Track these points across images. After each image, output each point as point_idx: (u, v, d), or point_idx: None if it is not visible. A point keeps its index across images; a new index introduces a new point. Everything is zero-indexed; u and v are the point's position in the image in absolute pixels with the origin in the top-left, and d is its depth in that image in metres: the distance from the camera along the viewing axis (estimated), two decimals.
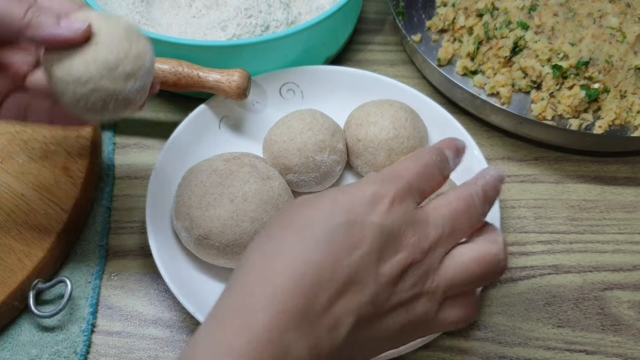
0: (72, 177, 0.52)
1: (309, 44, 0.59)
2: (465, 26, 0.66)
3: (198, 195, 0.47)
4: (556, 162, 0.61)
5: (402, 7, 0.70)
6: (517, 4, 0.64)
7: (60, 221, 0.50)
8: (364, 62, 0.68)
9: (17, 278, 0.47)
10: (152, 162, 0.52)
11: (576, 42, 0.62)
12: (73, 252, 0.52)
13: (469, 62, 0.65)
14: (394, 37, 0.71)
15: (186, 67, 0.53)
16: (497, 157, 0.61)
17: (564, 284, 0.53)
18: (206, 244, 0.47)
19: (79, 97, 0.38)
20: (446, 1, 0.70)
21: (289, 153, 0.52)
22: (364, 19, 0.72)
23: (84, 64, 0.37)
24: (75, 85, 0.37)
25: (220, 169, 0.48)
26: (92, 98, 0.38)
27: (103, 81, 0.37)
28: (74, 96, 0.38)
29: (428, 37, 0.69)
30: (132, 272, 0.51)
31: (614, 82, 0.61)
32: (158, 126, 0.60)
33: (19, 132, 0.54)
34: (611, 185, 0.60)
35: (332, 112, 0.56)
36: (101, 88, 0.37)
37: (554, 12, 0.63)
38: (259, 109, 0.59)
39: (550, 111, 0.61)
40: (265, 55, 0.58)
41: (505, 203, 0.57)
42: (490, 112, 0.59)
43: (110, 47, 0.37)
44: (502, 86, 0.62)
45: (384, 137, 0.53)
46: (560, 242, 0.55)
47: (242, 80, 0.53)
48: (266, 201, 0.47)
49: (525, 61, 0.62)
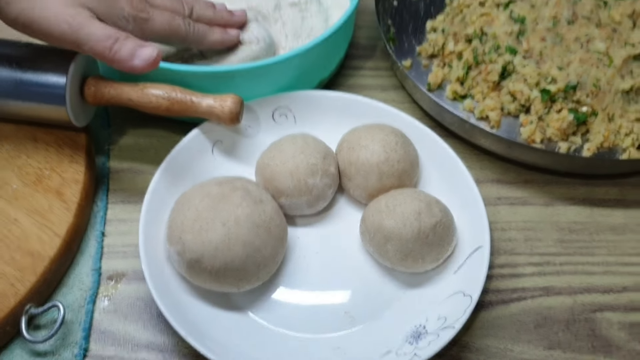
0: (66, 202, 0.53)
1: (301, 69, 0.60)
2: (454, 51, 0.67)
3: (190, 219, 0.47)
4: (546, 185, 0.62)
5: (392, 33, 0.72)
6: (506, 30, 0.65)
7: (53, 246, 0.50)
8: (356, 86, 0.69)
9: (9, 303, 0.47)
10: (145, 187, 0.52)
11: (564, 67, 0.63)
12: (66, 277, 0.52)
13: (458, 87, 0.66)
14: (384, 63, 0.72)
15: (179, 92, 0.54)
16: (487, 179, 0.62)
17: (555, 306, 0.53)
18: (198, 267, 0.47)
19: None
20: (436, 27, 0.72)
21: (281, 176, 0.53)
22: (356, 44, 0.73)
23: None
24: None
25: (212, 193, 0.49)
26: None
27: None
28: None
29: (418, 62, 0.70)
30: (125, 296, 0.51)
31: (601, 105, 0.62)
32: (151, 151, 0.61)
33: (13, 157, 0.55)
34: (600, 207, 0.60)
35: (324, 136, 0.57)
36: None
37: (542, 37, 0.65)
38: (252, 133, 0.59)
39: (539, 134, 0.62)
40: (258, 80, 0.58)
41: (495, 225, 0.58)
42: (480, 136, 0.60)
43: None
44: (491, 110, 0.63)
45: (375, 160, 0.53)
46: (551, 264, 0.56)
47: (235, 105, 0.54)
48: (258, 225, 0.48)
49: (514, 85, 0.63)
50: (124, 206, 0.57)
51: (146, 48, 0.48)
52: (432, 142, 0.58)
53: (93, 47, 0.47)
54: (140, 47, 0.48)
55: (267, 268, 0.49)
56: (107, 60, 0.48)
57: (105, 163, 0.60)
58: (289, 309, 0.51)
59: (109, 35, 0.47)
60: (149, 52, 0.48)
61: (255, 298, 0.51)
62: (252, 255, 0.47)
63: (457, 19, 0.70)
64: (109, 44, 0.47)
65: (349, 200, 0.58)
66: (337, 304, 0.51)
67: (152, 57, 0.48)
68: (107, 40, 0.47)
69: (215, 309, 0.50)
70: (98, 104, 0.56)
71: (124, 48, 0.47)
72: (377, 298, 0.52)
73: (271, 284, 0.52)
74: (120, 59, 0.47)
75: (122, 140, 0.62)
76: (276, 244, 0.49)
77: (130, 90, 0.54)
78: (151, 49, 0.48)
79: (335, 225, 0.56)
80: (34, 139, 0.56)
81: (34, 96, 0.53)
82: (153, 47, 0.48)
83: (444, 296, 0.50)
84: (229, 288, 0.48)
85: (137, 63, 0.47)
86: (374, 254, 0.52)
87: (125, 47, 0.47)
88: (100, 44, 0.47)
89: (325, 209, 0.57)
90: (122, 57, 0.47)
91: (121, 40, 0.47)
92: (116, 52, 0.47)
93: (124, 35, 0.48)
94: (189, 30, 0.56)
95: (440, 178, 0.57)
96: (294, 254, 0.54)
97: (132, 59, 0.47)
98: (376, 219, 0.50)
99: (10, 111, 0.54)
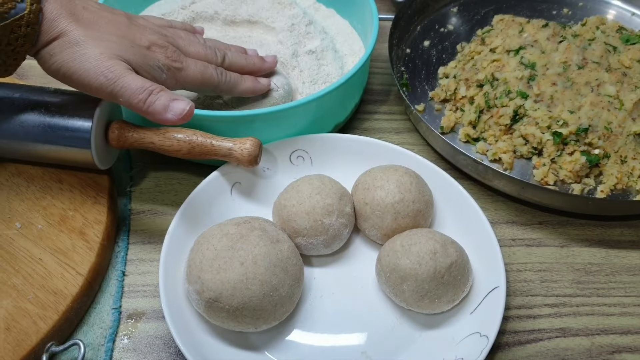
0: (89, 242, 0.54)
1: (317, 114, 0.62)
2: (466, 96, 0.69)
3: (209, 259, 0.48)
4: (560, 226, 0.62)
5: (405, 79, 0.74)
6: (516, 75, 0.67)
7: (75, 285, 0.51)
8: (371, 130, 0.70)
9: (31, 341, 0.48)
10: (165, 228, 0.54)
11: (575, 110, 0.64)
12: (87, 315, 0.53)
13: (471, 130, 0.67)
14: (398, 107, 0.74)
15: (200, 136, 0.56)
16: (502, 221, 0.62)
17: (572, 347, 0.53)
18: (216, 306, 0.48)
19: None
20: (448, 73, 0.74)
21: (297, 217, 0.54)
22: (370, 90, 0.75)
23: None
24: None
25: (231, 233, 0.50)
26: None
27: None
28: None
29: (431, 107, 0.71)
30: (144, 335, 0.52)
31: (614, 147, 0.63)
32: (172, 193, 0.62)
33: (39, 198, 0.57)
34: (616, 248, 0.60)
35: (340, 177, 0.58)
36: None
37: (553, 82, 0.66)
38: (270, 174, 0.61)
39: (552, 176, 0.63)
40: (276, 124, 0.60)
41: (511, 267, 0.58)
42: (493, 177, 0.61)
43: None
44: (503, 152, 0.64)
45: (390, 200, 0.54)
46: (567, 305, 0.56)
47: (254, 148, 0.55)
48: (275, 264, 0.49)
49: (525, 128, 0.64)
50: (144, 246, 0.58)
51: (179, 102, 0.50)
52: (446, 183, 0.59)
53: (128, 99, 0.49)
54: (174, 101, 0.49)
55: (284, 307, 0.50)
56: (142, 113, 0.50)
57: (126, 204, 0.61)
58: (306, 350, 0.51)
59: (143, 88, 0.49)
60: (182, 105, 0.49)
61: (272, 338, 0.51)
62: (270, 294, 0.48)
63: (468, 65, 0.72)
64: (143, 97, 0.49)
65: (365, 240, 0.59)
66: (353, 345, 0.52)
67: (184, 111, 0.49)
68: (142, 93, 0.49)
69: (233, 348, 0.50)
70: (121, 148, 0.57)
71: (157, 102, 0.49)
72: (393, 339, 0.52)
73: (288, 324, 0.52)
74: (153, 111, 0.49)
75: (143, 183, 0.63)
76: (293, 283, 0.50)
77: (153, 135, 0.56)
78: (184, 103, 0.49)
79: (351, 266, 0.57)
80: (59, 181, 0.58)
81: (61, 140, 0.55)
82: (186, 101, 0.50)
83: (460, 337, 0.50)
84: (247, 327, 0.49)
85: (170, 116, 0.49)
86: (390, 294, 0.52)
87: (159, 100, 0.49)
88: (135, 97, 0.49)
89: (341, 249, 0.57)
90: (156, 110, 0.49)
91: (155, 94, 0.49)
92: (150, 105, 0.49)
93: (158, 88, 0.50)
94: (221, 79, 0.58)
95: (455, 219, 0.58)
96: (310, 294, 0.55)
97: (166, 112, 0.49)
98: (392, 259, 0.51)
99: (38, 154, 0.56)
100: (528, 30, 0.73)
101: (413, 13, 0.79)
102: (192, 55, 0.57)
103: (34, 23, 0.47)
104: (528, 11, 0.82)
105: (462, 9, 0.83)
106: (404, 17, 0.77)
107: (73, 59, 0.48)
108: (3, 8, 0.46)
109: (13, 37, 0.47)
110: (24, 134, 0.55)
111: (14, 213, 0.55)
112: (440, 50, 0.78)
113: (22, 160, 0.59)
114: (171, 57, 0.54)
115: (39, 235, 0.54)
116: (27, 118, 0.55)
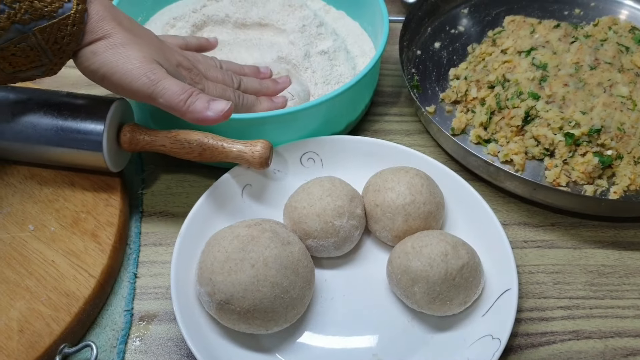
0: (101, 244, 0.54)
1: (328, 115, 0.62)
2: (477, 97, 0.69)
3: (220, 261, 0.48)
4: (573, 228, 0.62)
5: (416, 80, 0.74)
6: (528, 76, 0.67)
7: (88, 287, 0.51)
8: (381, 131, 0.70)
9: (44, 343, 0.48)
10: (177, 230, 0.54)
11: (587, 111, 0.63)
12: (99, 317, 0.53)
13: (482, 131, 0.67)
14: (409, 109, 0.74)
15: (211, 138, 0.56)
16: (514, 222, 0.62)
17: (585, 350, 0.52)
18: (227, 309, 0.48)
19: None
20: (458, 75, 0.73)
21: (308, 219, 0.54)
22: (380, 92, 0.75)
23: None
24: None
25: (242, 235, 0.50)
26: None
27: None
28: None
29: (442, 108, 0.71)
30: (156, 337, 0.52)
31: (627, 148, 0.62)
32: (183, 195, 0.63)
33: (52, 201, 0.57)
34: (629, 250, 0.60)
35: (350, 179, 0.58)
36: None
37: (564, 83, 0.66)
38: (280, 177, 0.61)
39: (565, 177, 0.62)
40: (287, 126, 0.60)
41: (523, 268, 0.58)
42: (505, 179, 0.61)
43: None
44: (515, 154, 0.64)
45: (400, 202, 0.54)
46: (580, 307, 0.55)
47: (265, 150, 0.56)
48: (286, 266, 0.49)
49: (537, 130, 0.63)
50: (155, 248, 0.58)
51: (219, 101, 0.51)
52: (457, 184, 0.58)
53: (169, 99, 0.50)
54: (213, 101, 0.51)
55: (295, 309, 0.50)
56: (181, 112, 0.51)
57: (138, 207, 0.62)
58: (317, 352, 0.51)
59: (184, 89, 0.51)
60: (223, 105, 0.51)
61: (283, 340, 0.51)
62: (281, 296, 0.48)
63: (479, 67, 0.72)
64: (184, 97, 0.50)
65: (376, 242, 0.58)
66: (365, 347, 0.51)
67: (224, 109, 0.51)
68: (183, 94, 0.50)
69: (244, 350, 0.50)
70: (133, 150, 0.58)
71: (198, 102, 0.51)
72: (405, 341, 0.52)
73: (299, 326, 0.52)
74: (194, 110, 0.50)
75: (154, 185, 0.64)
76: (304, 285, 0.50)
77: (164, 137, 0.56)
78: (224, 103, 0.51)
79: (362, 268, 0.57)
80: (71, 184, 0.59)
81: (73, 143, 0.55)
82: (226, 102, 0.51)
83: (472, 339, 0.50)
84: (258, 329, 0.49)
85: (210, 114, 0.51)
86: (401, 296, 0.52)
87: (199, 101, 0.51)
88: (176, 97, 0.50)
89: (352, 251, 0.57)
90: (197, 109, 0.50)
91: (195, 95, 0.51)
92: (190, 105, 0.50)
93: (197, 91, 0.51)
94: (238, 101, 0.60)
95: (466, 220, 0.57)
96: (321, 296, 0.55)
97: (206, 110, 0.51)
98: (403, 261, 0.51)
99: (51, 157, 0.57)
100: (539, 31, 0.72)
101: (423, 14, 0.79)
102: (211, 79, 0.59)
103: (79, 22, 0.49)
104: (539, 12, 0.82)
105: (473, 10, 0.83)
106: (415, 19, 0.77)
107: (117, 60, 0.50)
108: (51, 7, 0.47)
109: (60, 35, 0.48)
110: (37, 136, 0.55)
111: (27, 215, 0.56)
112: (451, 51, 0.78)
113: (34, 163, 0.59)
114: (194, 79, 0.56)
115: (51, 237, 0.55)
116: (40, 121, 0.55)
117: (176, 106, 0.50)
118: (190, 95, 0.51)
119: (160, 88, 0.50)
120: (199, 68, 0.59)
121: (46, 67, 0.50)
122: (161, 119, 0.61)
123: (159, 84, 0.50)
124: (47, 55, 0.49)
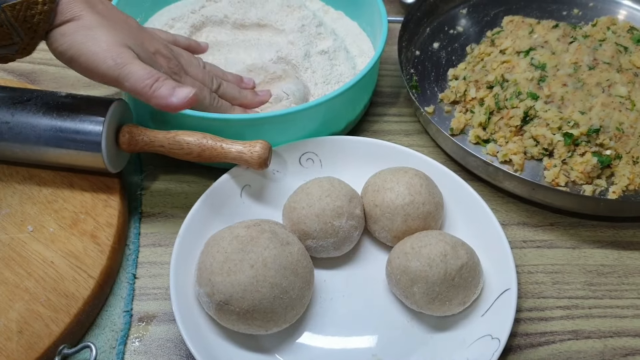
0: (100, 245, 0.54)
1: (327, 116, 0.62)
2: (476, 97, 0.69)
3: (219, 262, 0.48)
4: (572, 228, 0.62)
5: (415, 80, 0.74)
6: (527, 76, 0.67)
7: (87, 287, 0.51)
8: (380, 132, 0.70)
9: (43, 344, 0.48)
10: (176, 231, 0.54)
11: (586, 111, 0.63)
12: (99, 318, 0.53)
13: (481, 132, 0.67)
14: (408, 109, 0.74)
15: (210, 139, 0.56)
16: (513, 222, 0.62)
17: (585, 350, 0.52)
18: (227, 309, 0.48)
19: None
20: (457, 75, 0.74)
21: (307, 219, 0.54)
22: (379, 92, 0.75)
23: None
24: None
25: (241, 236, 0.50)
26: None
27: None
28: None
29: (441, 109, 0.71)
30: (155, 337, 0.52)
31: (625, 148, 0.62)
32: (182, 196, 0.63)
33: (51, 202, 0.57)
34: (628, 250, 0.60)
35: (349, 180, 0.58)
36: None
37: (563, 83, 0.66)
38: (279, 177, 0.61)
39: (564, 177, 0.62)
40: (286, 127, 0.60)
41: (522, 268, 0.58)
42: (504, 179, 0.61)
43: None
44: (514, 154, 0.64)
45: (400, 202, 0.54)
46: (579, 307, 0.55)
47: (264, 150, 0.56)
48: (285, 267, 0.49)
49: (536, 130, 0.63)
50: (154, 249, 0.58)
51: (184, 88, 0.51)
52: (456, 185, 0.58)
53: (134, 84, 0.50)
54: (179, 87, 0.51)
55: (295, 310, 0.50)
56: (146, 97, 0.50)
57: (137, 207, 0.62)
58: (316, 352, 0.51)
59: (150, 74, 0.50)
60: (187, 91, 0.50)
61: (282, 340, 0.51)
62: (280, 296, 0.48)
63: (478, 67, 0.72)
64: (149, 82, 0.50)
65: (375, 242, 0.58)
66: (364, 348, 0.51)
67: (188, 96, 0.50)
68: (149, 79, 0.50)
69: (243, 350, 0.50)
70: (132, 151, 0.58)
71: (163, 87, 0.50)
72: (404, 341, 0.52)
73: (298, 326, 0.52)
74: (158, 95, 0.50)
75: (153, 186, 0.64)
76: (303, 285, 0.50)
77: (163, 138, 0.56)
78: (188, 90, 0.50)
79: (361, 268, 0.57)
80: (70, 185, 0.59)
81: (72, 144, 0.55)
82: (190, 88, 0.51)
83: (471, 339, 0.50)
84: (257, 330, 0.49)
85: (174, 100, 0.50)
86: (401, 296, 0.52)
87: (165, 86, 0.50)
88: (141, 82, 0.50)
89: (351, 251, 0.57)
90: (161, 95, 0.50)
91: (162, 80, 0.50)
92: (155, 90, 0.50)
93: (163, 77, 0.51)
94: (212, 103, 0.59)
95: (465, 221, 0.57)
96: (320, 296, 0.55)
97: (170, 97, 0.50)
98: (402, 261, 0.51)
99: (50, 158, 0.57)
100: (538, 31, 0.72)
101: (422, 15, 0.79)
102: (191, 75, 0.59)
103: (50, 2, 0.48)
104: (538, 12, 0.82)
105: (472, 11, 0.83)
106: (413, 19, 0.77)
107: (84, 42, 0.49)
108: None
109: (29, 14, 0.48)
110: (36, 137, 0.55)
111: (26, 216, 0.56)
112: (450, 52, 0.78)
113: (34, 164, 0.59)
114: (173, 68, 0.56)
115: (50, 238, 0.55)
116: (39, 122, 0.55)
117: (141, 91, 0.50)
118: (156, 80, 0.50)
119: (126, 72, 0.49)
120: (180, 61, 0.58)
121: (18, 46, 0.50)
122: (160, 119, 0.61)
123: (124, 68, 0.49)
124: (19, 33, 0.49)
